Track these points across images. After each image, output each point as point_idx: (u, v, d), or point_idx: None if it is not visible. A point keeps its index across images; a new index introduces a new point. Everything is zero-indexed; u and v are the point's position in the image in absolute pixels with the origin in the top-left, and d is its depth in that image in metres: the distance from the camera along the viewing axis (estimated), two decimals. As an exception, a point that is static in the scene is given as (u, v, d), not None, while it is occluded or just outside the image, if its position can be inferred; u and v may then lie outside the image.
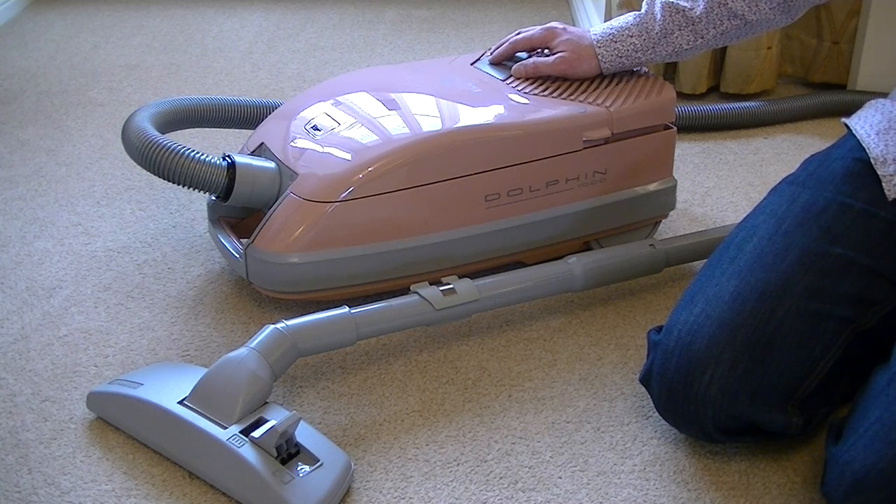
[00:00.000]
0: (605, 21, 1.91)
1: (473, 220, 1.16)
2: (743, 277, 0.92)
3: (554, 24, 1.25)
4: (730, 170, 1.55)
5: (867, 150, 0.99)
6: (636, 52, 1.20)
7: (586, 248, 1.26)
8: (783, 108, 1.70)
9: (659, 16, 1.17)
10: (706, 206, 1.43)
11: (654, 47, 1.19)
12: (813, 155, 1.06)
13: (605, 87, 1.24)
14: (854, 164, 0.99)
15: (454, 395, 1.04)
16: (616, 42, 1.20)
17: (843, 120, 1.07)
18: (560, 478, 0.93)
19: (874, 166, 0.98)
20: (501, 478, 0.93)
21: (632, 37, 1.19)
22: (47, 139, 1.67)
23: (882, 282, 0.94)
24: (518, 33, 1.28)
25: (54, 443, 0.98)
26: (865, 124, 1.03)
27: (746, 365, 0.89)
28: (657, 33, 1.18)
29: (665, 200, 1.28)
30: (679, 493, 0.91)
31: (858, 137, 1.02)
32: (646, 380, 0.95)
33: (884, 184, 0.97)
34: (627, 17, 1.20)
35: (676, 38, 1.18)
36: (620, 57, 1.21)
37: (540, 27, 1.26)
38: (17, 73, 1.99)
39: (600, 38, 1.21)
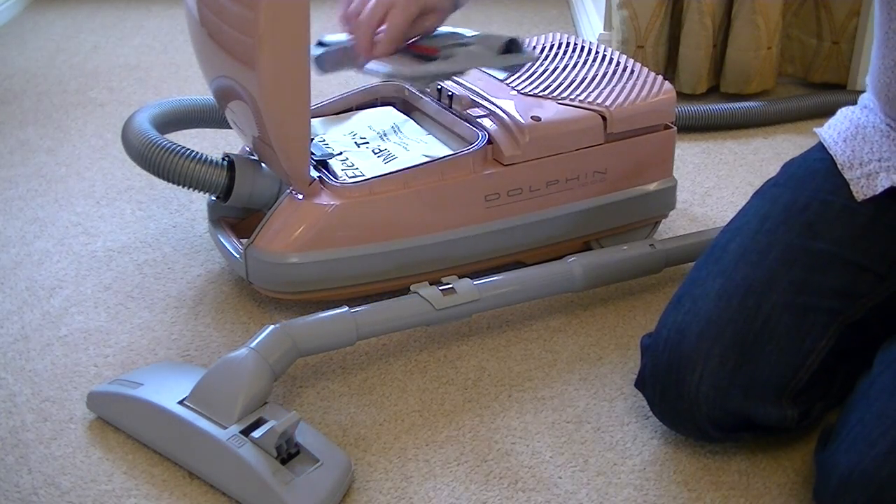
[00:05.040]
0: (604, 21, 1.92)
1: (473, 220, 1.16)
2: (728, 275, 0.93)
3: None
4: (730, 170, 1.55)
5: (834, 157, 1.02)
6: None
7: (586, 248, 1.26)
8: (783, 108, 1.70)
9: None
10: (706, 206, 1.43)
11: None
12: (793, 158, 1.09)
13: (605, 87, 1.24)
14: (832, 164, 1.02)
15: (454, 395, 1.04)
16: None
17: (815, 129, 1.10)
18: (560, 478, 0.93)
19: (842, 172, 1.00)
20: (501, 478, 0.93)
21: None
22: (47, 139, 1.68)
23: (867, 275, 0.95)
24: None
25: (54, 443, 0.98)
26: (833, 132, 1.05)
27: (736, 360, 0.90)
28: None
29: (665, 200, 1.28)
30: (679, 492, 0.91)
31: (826, 146, 1.04)
32: (640, 384, 0.96)
33: (851, 187, 0.98)
34: None
35: None
36: None
37: None
38: (17, 73, 1.99)
39: None
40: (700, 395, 0.90)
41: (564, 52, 1.34)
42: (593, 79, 1.26)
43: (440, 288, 1.06)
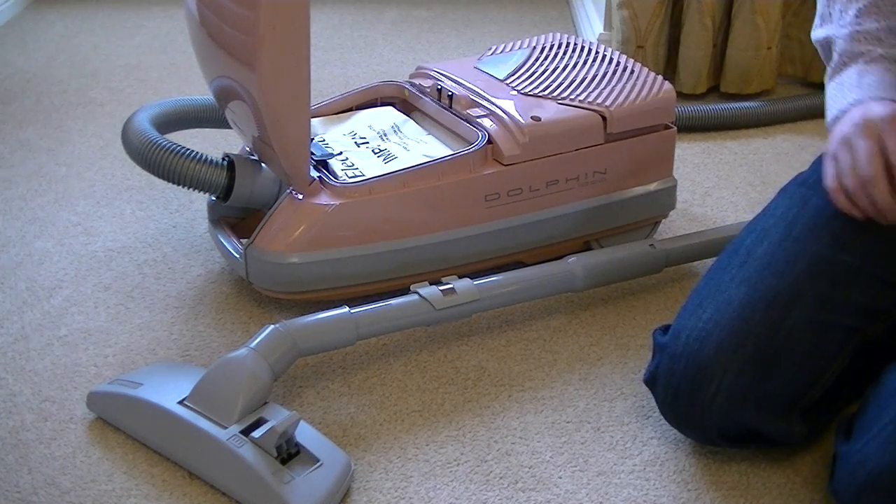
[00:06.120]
0: (604, 21, 1.92)
1: (473, 220, 1.16)
2: (752, 284, 0.92)
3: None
4: (730, 170, 1.55)
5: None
6: None
7: (586, 248, 1.26)
8: (783, 108, 1.70)
9: None
10: (706, 206, 1.43)
11: None
12: (823, 153, 1.05)
13: (605, 87, 1.24)
14: None
15: (454, 395, 1.04)
16: None
17: None
18: (560, 478, 0.93)
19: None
20: (501, 478, 0.93)
21: None
22: (47, 139, 1.68)
23: (890, 290, 0.93)
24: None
25: (54, 443, 0.98)
26: None
27: (753, 374, 0.89)
28: None
29: (665, 200, 1.28)
30: (679, 493, 0.91)
31: None
32: (651, 382, 0.95)
33: None
34: None
35: None
36: None
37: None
38: (17, 73, 1.99)
39: None
40: (714, 406, 0.89)
41: (564, 52, 1.34)
42: (593, 79, 1.26)
43: (440, 288, 1.06)
